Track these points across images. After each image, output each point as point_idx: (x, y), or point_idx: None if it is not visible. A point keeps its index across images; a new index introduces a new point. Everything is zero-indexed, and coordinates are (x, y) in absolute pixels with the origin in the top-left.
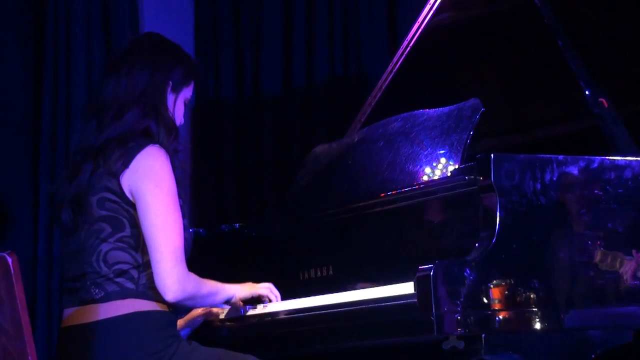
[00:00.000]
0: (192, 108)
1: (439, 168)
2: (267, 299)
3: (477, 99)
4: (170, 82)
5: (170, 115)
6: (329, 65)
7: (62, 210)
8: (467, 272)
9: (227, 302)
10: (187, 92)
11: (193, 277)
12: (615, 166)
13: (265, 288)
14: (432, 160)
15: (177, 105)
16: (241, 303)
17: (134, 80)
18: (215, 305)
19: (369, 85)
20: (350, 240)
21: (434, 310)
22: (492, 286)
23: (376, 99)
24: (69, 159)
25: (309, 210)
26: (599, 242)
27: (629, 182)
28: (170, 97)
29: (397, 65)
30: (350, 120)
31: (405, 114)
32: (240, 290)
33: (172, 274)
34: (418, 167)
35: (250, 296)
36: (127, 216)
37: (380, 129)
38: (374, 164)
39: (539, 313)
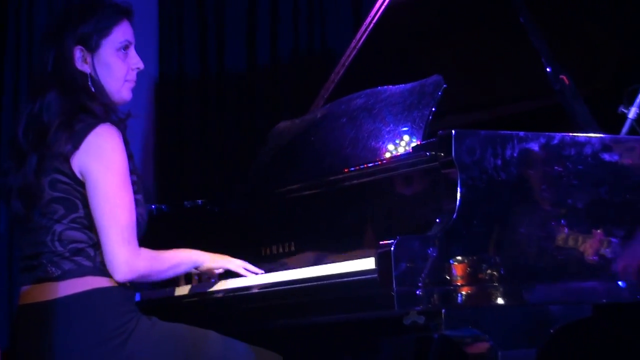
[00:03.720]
0: (156, 83)
1: (401, 145)
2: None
3: (439, 75)
4: (80, 46)
5: (97, 77)
6: (294, 41)
7: (12, 200)
8: (427, 248)
9: (197, 269)
10: (113, 41)
11: (145, 254)
12: (576, 143)
13: (239, 266)
14: (395, 136)
15: (105, 61)
16: (214, 272)
17: (44, 57)
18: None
19: (333, 62)
20: (312, 216)
21: (394, 286)
22: (453, 262)
23: (339, 75)
24: (11, 147)
25: (272, 186)
26: (559, 218)
27: (589, 159)
28: (89, 58)
29: (360, 42)
30: (314, 96)
31: (367, 91)
32: (210, 259)
33: (119, 255)
34: (380, 143)
35: (220, 268)
36: (79, 197)
37: (343, 105)
38: (337, 140)
39: (500, 288)
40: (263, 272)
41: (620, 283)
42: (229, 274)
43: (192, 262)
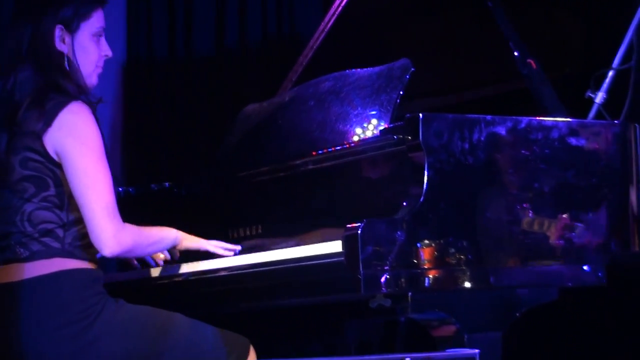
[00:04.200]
0: (124, 66)
1: (369, 128)
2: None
3: (407, 59)
4: (61, 25)
5: (73, 59)
6: (262, 24)
7: None
8: (394, 231)
9: (173, 248)
10: (91, 26)
11: (130, 228)
12: (543, 127)
13: (216, 246)
14: (363, 119)
15: (80, 44)
16: (177, 253)
17: (19, 34)
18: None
19: (301, 45)
20: (279, 199)
21: (361, 269)
22: (419, 245)
23: (307, 58)
24: None
25: (239, 169)
26: (526, 202)
27: (556, 143)
28: (68, 39)
29: (329, 26)
30: (282, 80)
31: (336, 74)
32: (189, 239)
33: (106, 230)
34: (348, 126)
35: (196, 248)
36: (51, 175)
37: (311, 88)
38: (305, 123)
39: (467, 272)
40: (240, 247)
41: (585, 267)
42: (191, 257)
43: (172, 239)
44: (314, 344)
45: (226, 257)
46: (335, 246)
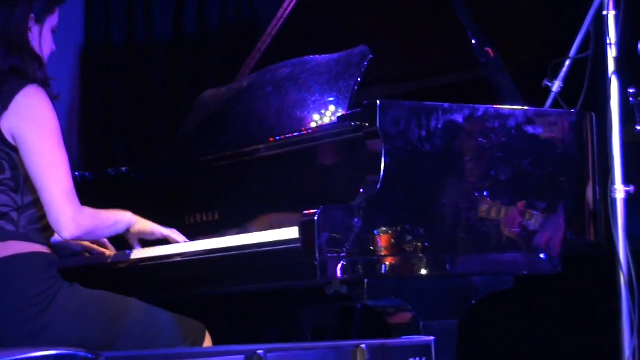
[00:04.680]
0: (82, 51)
1: (327, 115)
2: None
3: (365, 46)
4: (33, 15)
5: (37, 48)
6: (221, 9)
7: None
8: (351, 218)
9: (128, 231)
10: (52, 20)
11: (88, 211)
12: (500, 115)
13: (168, 233)
14: (320, 106)
15: (45, 36)
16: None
17: None
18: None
19: (260, 31)
20: (237, 184)
21: (317, 255)
22: (376, 232)
23: (266, 44)
24: None
25: (196, 155)
26: (482, 190)
27: (513, 131)
28: (35, 29)
29: (287, 11)
30: (241, 65)
31: (294, 60)
32: (143, 223)
33: (65, 213)
34: (306, 112)
35: (150, 233)
36: (6, 159)
37: (269, 74)
38: (262, 109)
39: (423, 259)
40: (187, 240)
41: (541, 255)
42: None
43: (127, 221)
44: (269, 330)
45: (181, 242)
46: (292, 232)
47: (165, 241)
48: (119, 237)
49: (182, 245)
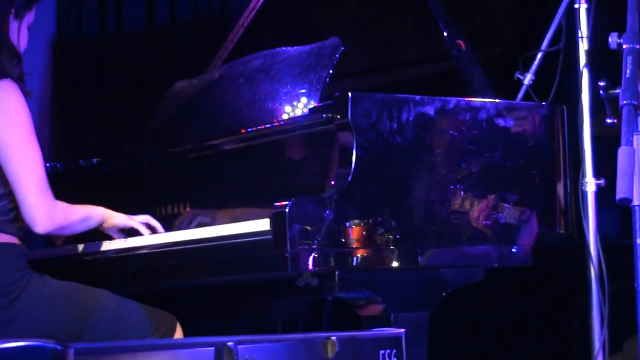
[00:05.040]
0: (54, 42)
1: (298, 106)
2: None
3: (337, 38)
4: (13, 10)
5: (14, 43)
6: (193, 1)
7: None
8: (322, 210)
9: (100, 226)
10: (30, 17)
11: (61, 206)
12: (471, 108)
13: (140, 223)
14: (292, 98)
15: (22, 32)
16: (114, 228)
17: None
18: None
19: (232, 23)
20: (208, 176)
21: (288, 247)
22: (347, 224)
23: (238, 36)
24: None
25: (168, 146)
26: (454, 183)
27: (484, 124)
28: (14, 25)
29: (259, 3)
30: (212, 57)
31: (266, 52)
32: (115, 216)
33: (39, 207)
34: (278, 104)
35: (123, 226)
36: None
37: (240, 66)
38: (234, 100)
39: (395, 251)
40: (164, 231)
41: (512, 248)
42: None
43: (100, 217)
44: (240, 322)
45: (153, 234)
46: (263, 224)
47: (136, 231)
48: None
49: (152, 237)
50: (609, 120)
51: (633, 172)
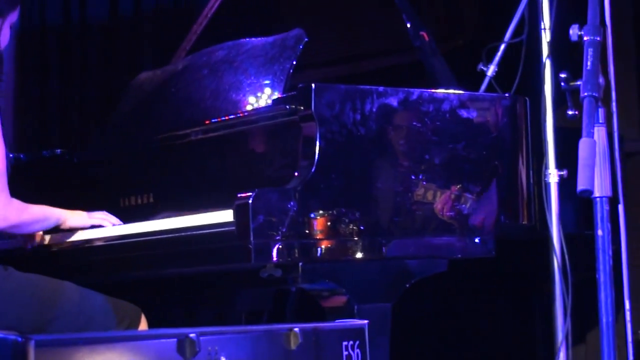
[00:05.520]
0: (18, 33)
1: (262, 97)
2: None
3: (300, 29)
4: None
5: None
6: None
7: None
8: (286, 201)
9: (57, 227)
10: (13, 16)
11: (16, 204)
12: (434, 99)
13: (98, 218)
14: (256, 89)
15: (3, 30)
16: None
17: None
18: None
19: (196, 13)
20: (172, 167)
21: (251, 239)
22: (311, 215)
23: (202, 27)
24: None
25: (131, 137)
26: (417, 174)
27: (447, 115)
28: None
29: None
30: (177, 48)
31: (230, 43)
32: (72, 217)
33: None
34: (242, 95)
35: (81, 226)
36: None
37: (204, 57)
38: (198, 91)
39: (359, 242)
40: (121, 223)
41: (475, 239)
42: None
43: (56, 218)
44: (204, 313)
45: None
46: (226, 215)
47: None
48: None
49: (116, 229)
50: (570, 112)
51: (594, 163)
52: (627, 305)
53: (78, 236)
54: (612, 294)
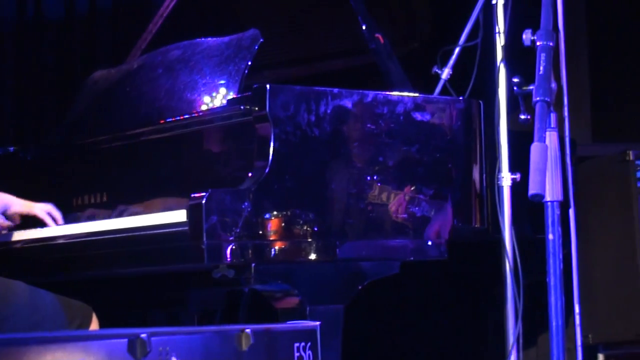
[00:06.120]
0: None
1: (217, 97)
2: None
3: (256, 29)
4: None
5: None
6: None
7: None
8: (239, 202)
9: (4, 213)
10: None
11: None
12: (389, 101)
13: (41, 209)
14: (212, 89)
15: None
16: (18, 217)
17: None
18: None
19: (152, 12)
20: (126, 166)
21: (204, 239)
22: (264, 216)
23: (157, 26)
24: None
25: (86, 136)
26: (371, 176)
27: (401, 117)
28: None
29: None
30: (132, 46)
31: (185, 42)
32: (18, 203)
33: None
34: (197, 95)
35: (26, 213)
36: None
37: (159, 56)
38: (153, 91)
39: (312, 244)
40: (63, 222)
41: (428, 241)
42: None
43: (3, 205)
44: (157, 313)
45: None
46: (180, 215)
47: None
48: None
49: (67, 227)
50: (522, 117)
51: (545, 168)
52: (577, 309)
53: (29, 234)
54: (562, 298)
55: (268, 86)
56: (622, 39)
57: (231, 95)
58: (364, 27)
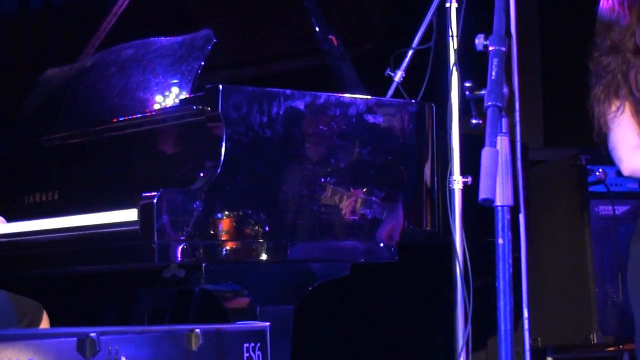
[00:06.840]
0: None
1: (170, 97)
2: None
3: (209, 30)
4: None
5: None
6: None
7: None
8: (190, 202)
9: None
10: None
11: None
12: (341, 103)
13: None
14: (164, 88)
15: None
16: None
17: None
18: None
19: (106, 10)
20: (78, 165)
21: (155, 238)
22: (215, 216)
23: (111, 24)
24: None
25: (38, 133)
26: (322, 178)
27: (353, 119)
28: None
29: None
30: (85, 44)
31: (138, 41)
32: None
33: None
34: (149, 94)
35: None
36: None
37: (112, 54)
38: (105, 89)
39: (263, 244)
40: (5, 221)
41: (379, 244)
42: None
43: None
44: (107, 311)
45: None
46: (131, 214)
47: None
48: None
49: (17, 225)
50: (474, 121)
51: (496, 172)
52: (526, 314)
53: None
54: (511, 302)
55: (221, 86)
56: (575, 44)
57: (184, 95)
58: (317, 29)
